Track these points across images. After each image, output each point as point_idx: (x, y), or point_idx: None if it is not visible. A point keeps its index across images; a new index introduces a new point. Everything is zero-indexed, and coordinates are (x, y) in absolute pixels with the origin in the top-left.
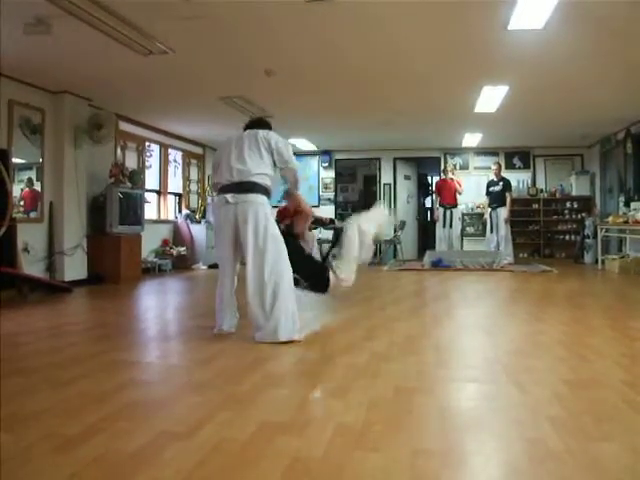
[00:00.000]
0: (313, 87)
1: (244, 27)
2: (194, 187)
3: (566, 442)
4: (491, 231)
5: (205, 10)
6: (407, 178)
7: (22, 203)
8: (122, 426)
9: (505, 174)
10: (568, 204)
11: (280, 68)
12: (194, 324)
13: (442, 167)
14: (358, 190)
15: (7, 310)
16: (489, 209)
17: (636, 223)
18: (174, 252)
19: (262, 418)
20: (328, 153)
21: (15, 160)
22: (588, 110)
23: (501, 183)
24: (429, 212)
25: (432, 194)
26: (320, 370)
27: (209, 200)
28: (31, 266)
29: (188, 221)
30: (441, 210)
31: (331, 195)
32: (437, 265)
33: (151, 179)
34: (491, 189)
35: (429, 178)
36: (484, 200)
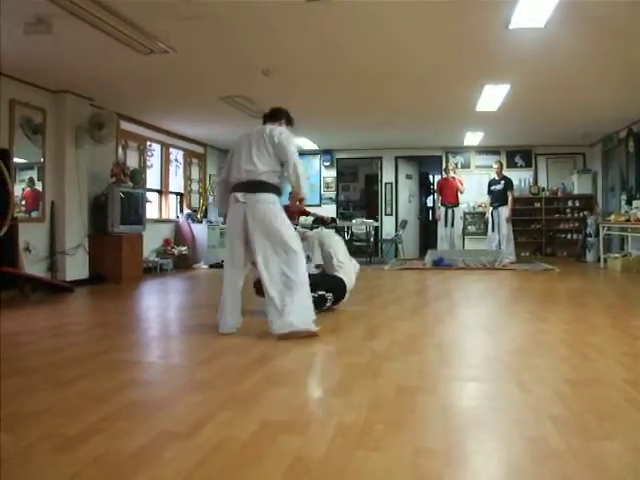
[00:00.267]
0: (314, 86)
1: (244, 27)
2: (195, 186)
3: (568, 441)
4: (493, 230)
5: (206, 10)
6: (409, 177)
7: (23, 203)
8: (122, 426)
9: (507, 173)
10: (570, 203)
11: (281, 68)
12: (195, 324)
13: (444, 166)
14: (360, 189)
15: (8, 310)
16: (491, 208)
17: (638, 221)
18: (175, 252)
19: (263, 417)
20: (329, 152)
21: (16, 160)
22: (590, 109)
23: (503, 182)
24: (431, 211)
25: (434, 193)
26: (321, 369)
27: (210, 199)
28: (32, 266)
29: (189, 221)
30: (443, 209)
31: (333, 194)
32: (439, 264)
33: (152, 179)
34: (493, 188)
35: (431, 177)
36: (486, 199)
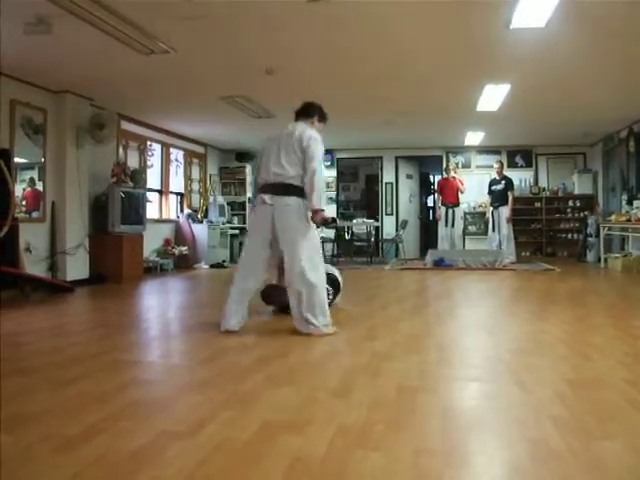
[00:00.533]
0: (314, 86)
1: (245, 27)
2: (196, 186)
3: (568, 442)
4: (493, 230)
5: (206, 10)
6: (409, 177)
7: (24, 203)
8: (124, 426)
9: (507, 173)
10: (570, 203)
11: (281, 68)
12: (196, 323)
13: (444, 166)
14: (360, 189)
15: (9, 310)
16: (491, 208)
17: (639, 221)
18: (176, 252)
19: (264, 417)
20: (330, 152)
21: (17, 160)
22: (590, 108)
23: (503, 182)
24: (431, 211)
25: (434, 193)
26: (322, 369)
27: (211, 200)
28: (33, 266)
29: (190, 220)
30: (443, 209)
31: (333, 194)
32: (439, 264)
33: (153, 178)
34: (493, 188)
35: (431, 177)
36: (486, 199)
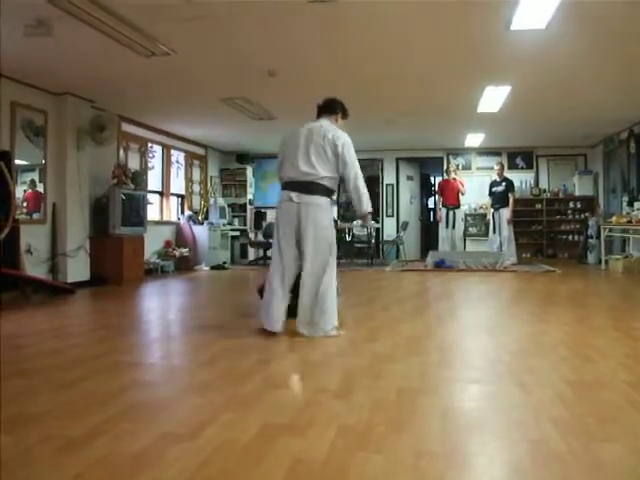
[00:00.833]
0: (314, 88)
1: (245, 28)
2: (196, 188)
3: (569, 443)
4: (494, 231)
5: (207, 11)
6: (410, 178)
7: (25, 204)
8: (125, 427)
9: (508, 174)
10: (571, 204)
11: (282, 69)
12: (196, 325)
13: (445, 167)
14: None
15: (10, 311)
16: (492, 209)
17: (639, 223)
18: (177, 253)
19: (264, 419)
20: None
21: (18, 162)
22: (591, 110)
23: (504, 183)
24: (432, 212)
25: (435, 194)
26: (323, 371)
27: (211, 201)
28: (34, 267)
29: (191, 222)
30: (444, 210)
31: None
32: (440, 266)
33: (153, 180)
34: (494, 189)
35: (432, 178)
36: (487, 200)
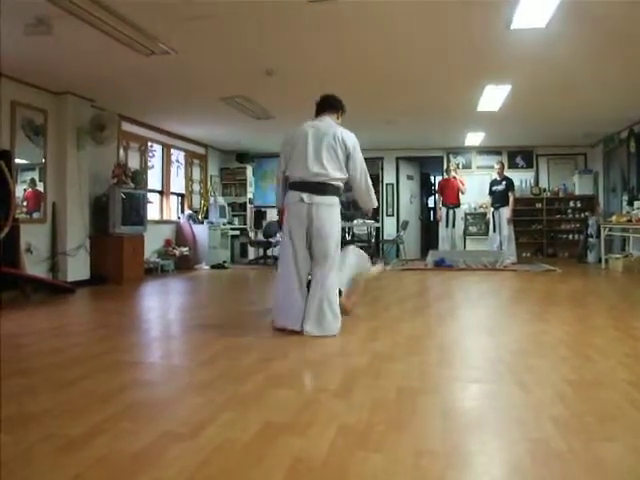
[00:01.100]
0: (315, 87)
1: (246, 28)
2: (196, 187)
3: (569, 442)
4: (494, 231)
5: (207, 10)
6: (410, 178)
7: (25, 204)
8: (125, 427)
9: (508, 173)
10: (571, 203)
11: (282, 68)
12: (196, 324)
13: (445, 166)
14: None
15: (10, 310)
16: (492, 209)
17: (639, 222)
18: (177, 252)
19: (265, 418)
20: None
21: (18, 161)
22: (591, 109)
23: (504, 182)
24: (432, 212)
25: (435, 194)
26: (323, 370)
27: (211, 200)
28: (34, 266)
29: (191, 221)
30: (444, 210)
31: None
32: (440, 265)
33: (154, 179)
34: (494, 188)
35: (432, 178)
36: (487, 200)
